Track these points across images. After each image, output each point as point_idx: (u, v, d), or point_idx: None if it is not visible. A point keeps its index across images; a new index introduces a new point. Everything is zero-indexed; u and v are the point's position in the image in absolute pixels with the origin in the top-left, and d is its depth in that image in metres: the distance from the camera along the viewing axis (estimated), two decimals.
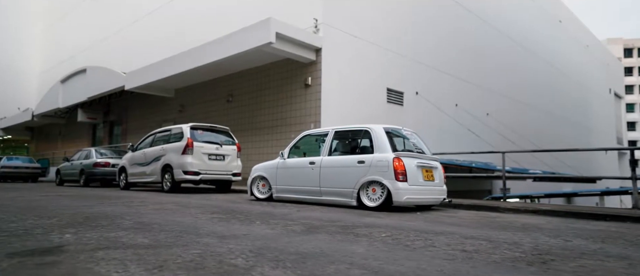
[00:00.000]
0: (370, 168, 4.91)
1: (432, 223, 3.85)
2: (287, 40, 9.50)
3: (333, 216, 4.18)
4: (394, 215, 4.51)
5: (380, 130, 5.15)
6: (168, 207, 4.64)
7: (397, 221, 3.82)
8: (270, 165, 6.26)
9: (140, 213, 3.96)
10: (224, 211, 4.38)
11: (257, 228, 3.08)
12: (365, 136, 5.33)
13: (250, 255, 2.05)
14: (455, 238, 2.85)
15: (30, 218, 3.40)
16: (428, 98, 12.99)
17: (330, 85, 10.17)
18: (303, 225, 3.34)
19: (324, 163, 5.45)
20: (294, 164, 5.93)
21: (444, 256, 2.18)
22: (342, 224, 3.46)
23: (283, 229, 3.03)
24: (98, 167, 10.76)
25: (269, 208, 4.98)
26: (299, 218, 3.83)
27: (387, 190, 4.74)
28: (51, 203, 5.08)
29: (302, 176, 5.67)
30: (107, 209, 4.31)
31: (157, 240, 2.40)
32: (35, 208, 4.31)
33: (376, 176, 4.83)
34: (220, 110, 13.04)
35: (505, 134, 15.80)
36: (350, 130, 5.71)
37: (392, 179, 4.70)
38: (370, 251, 2.25)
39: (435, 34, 13.83)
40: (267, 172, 6.19)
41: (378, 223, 3.61)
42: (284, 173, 5.95)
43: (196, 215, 3.91)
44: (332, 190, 5.29)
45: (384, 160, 4.84)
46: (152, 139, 8.91)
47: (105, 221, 3.26)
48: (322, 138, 5.95)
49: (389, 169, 4.74)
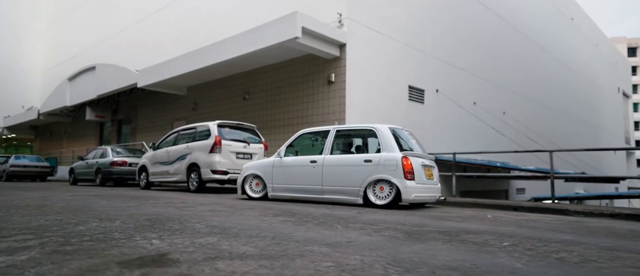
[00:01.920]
0: (378, 167, 4.99)
1: (503, 225, 3.63)
2: (312, 35, 9.25)
3: (376, 217, 3.95)
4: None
5: (386, 129, 5.25)
6: (218, 209, 4.40)
7: (453, 224, 3.60)
8: (265, 163, 6.13)
9: (198, 215, 3.72)
10: (282, 212, 4.15)
11: (349, 233, 2.84)
12: (371, 135, 5.43)
13: (398, 268, 1.81)
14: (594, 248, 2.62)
15: (90, 220, 3.15)
16: (448, 96, 12.78)
17: (354, 82, 9.94)
18: (395, 230, 3.10)
19: (327, 162, 5.45)
20: (293, 163, 5.84)
21: None
22: (427, 228, 3.24)
23: (381, 236, 2.79)
24: (115, 166, 10.48)
25: (298, 208, 4.75)
26: (371, 222, 3.60)
27: (396, 188, 4.86)
28: (90, 203, 4.83)
29: (302, 174, 5.64)
30: (158, 210, 4.06)
31: (262, 248, 2.16)
32: (81, 210, 4.06)
33: (384, 175, 4.93)
34: (236, 108, 12.77)
35: (520, 133, 15.63)
36: (353, 129, 5.84)
37: (401, 178, 4.83)
38: (519, 262, 2.02)
39: (453, 30, 13.63)
40: (261, 171, 6.05)
41: (450, 228, 3.39)
42: (282, 172, 5.85)
43: (261, 217, 3.68)
44: (335, 189, 5.31)
45: (392, 159, 4.94)
46: (176, 137, 8.65)
47: (174, 224, 3.02)
48: (316, 138, 6.04)
49: (397, 168, 4.86)
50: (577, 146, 19.32)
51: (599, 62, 25.44)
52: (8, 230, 2.62)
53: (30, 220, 3.19)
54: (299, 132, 6.29)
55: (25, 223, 2.96)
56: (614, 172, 23.30)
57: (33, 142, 26.16)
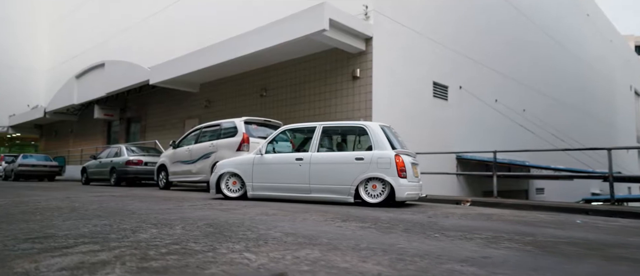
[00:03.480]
0: (371, 165, 4.91)
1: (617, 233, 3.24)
2: (339, 28, 8.85)
3: (458, 223, 3.57)
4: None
5: (377, 127, 5.20)
6: (268, 212, 4.01)
7: (552, 231, 3.21)
8: (243, 160, 5.80)
9: (256, 219, 3.33)
10: (337, 215, 3.76)
11: (469, 245, 2.45)
12: (361, 133, 5.36)
13: None
14: None
15: (144, 226, 2.76)
16: (472, 93, 12.39)
17: (380, 78, 9.54)
18: (509, 240, 2.71)
19: (314, 160, 5.26)
20: (276, 160, 5.57)
21: None
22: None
23: (509, 249, 2.40)
24: (131, 165, 10.09)
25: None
26: (462, 228, 3.22)
27: (390, 186, 4.80)
28: (124, 205, 4.44)
29: (286, 173, 5.41)
30: (206, 213, 3.68)
31: (394, 267, 1.77)
32: (121, 213, 3.67)
33: (377, 173, 4.86)
34: (252, 105, 12.38)
35: (539, 131, 15.25)
36: (341, 126, 5.73)
37: (395, 176, 4.79)
38: None
39: (474, 24, 13.24)
40: (239, 169, 5.70)
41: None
42: (263, 170, 5.56)
43: (327, 222, 3.29)
44: (324, 187, 5.15)
45: (385, 157, 4.88)
46: (198, 134, 8.26)
47: (245, 231, 2.63)
48: (300, 135, 5.78)
49: (391, 166, 4.81)
50: (594, 144, 18.95)
51: (612, 58, 25.06)
52: (62, 238, 2.24)
53: (77, 225, 2.80)
54: (280, 128, 6.03)
55: (74, 229, 2.58)
56: (632, 172, 22.91)
57: (38, 141, 25.75)
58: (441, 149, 10.54)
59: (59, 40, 25.85)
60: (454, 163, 11.71)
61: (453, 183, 11.56)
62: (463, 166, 11.94)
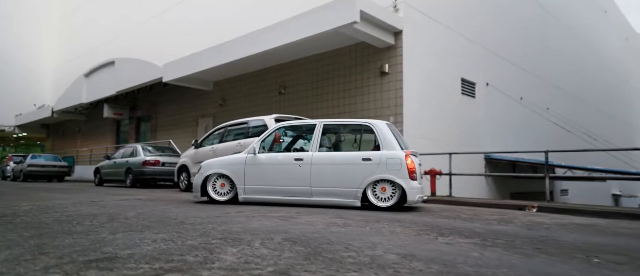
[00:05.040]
0: (379, 166, 4.57)
1: None
2: (369, 21, 8.38)
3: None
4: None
5: (384, 126, 4.89)
6: (335, 222, 3.55)
7: (604, 239, 2.75)
8: (234, 160, 5.31)
9: (335, 231, 2.87)
10: (427, 227, 3.30)
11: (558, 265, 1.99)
12: (366, 132, 5.01)
13: None
14: None
15: (218, 244, 2.31)
16: (500, 90, 11.92)
17: (411, 74, 9.08)
18: None
19: (316, 160, 4.85)
20: (272, 160, 5.13)
21: None
22: None
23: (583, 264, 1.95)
24: (147, 166, 9.65)
25: (390, 216, 3.91)
26: (547, 240, 2.75)
27: (401, 189, 4.50)
28: (163, 212, 3.99)
29: (284, 174, 4.98)
30: (270, 224, 3.22)
31: None
32: (165, 222, 3.22)
33: (387, 174, 4.53)
34: (271, 103, 11.91)
35: (562, 129, 14.78)
36: (343, 124, 5.37)
37: (406, 178, 4.49)
38: None
39: (499, 18, 12.77)
40: (229, 169, 5.21)
41: None
42: (257, 171, 5.10)
43: (413, 235, 2.83)
44: (327, 190, 4.76)
45: (396, 157, 4.57)
46: (223, 133, 7.81)
47: (339, 251, 2.17)
48: (297, 133, 5.44)
49: (402, 167, 4.51)
50: (615, 143, 18.43)
51: (629, 56, 24.54)
52: (129, 260, 1.79)
53: (132, 239, 2.35)
54: (275, 126, 5.58)
55: (133, 247, 2.13)
56: None
57: (45, 140, 25.35)
58: (468, 148, 10.08)
59: (65, 39, 25.43)
60: (482, 163, 11.25)
61: (481, 184, 11.09)
62: (492, 166, 11.47)
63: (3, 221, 3.09)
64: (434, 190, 7.58)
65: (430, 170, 7.65)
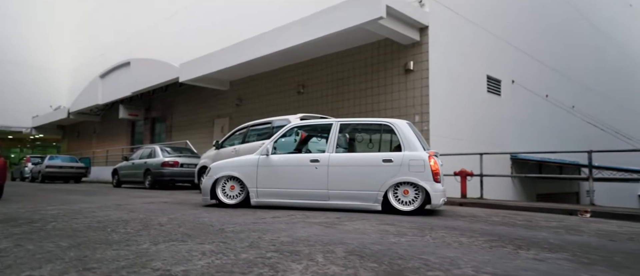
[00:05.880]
0: (401, 167, 4.37)
1: None
2: (394, 16, 8.08)
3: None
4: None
5: (404, 125, 4.67)
6: (387, 229, 3.27)
7: None
8: (245, 162, 5.05)
9: (390, 241, 2.60)
10: (468, 231, 3.01)
11: None
12: (385, 131, 4.78)
13: None
14: None
15: (277, 259, 2.06)
16: (526, 88, 11.50)
17: (437, 71, 8.75)
18: None
19: (334, 161, 4.64)
20: (286, 162, 4.88)
21: None
22: None
23: None
24: (166, 167, 9.49)
25: (437, 222, 3.60)
26: None
27: (425, 192, 4.29)
28: (194, 218, 3.77)
29: (299, 176, 4.75)
30: (314, 231, 2.96)
31: None
32: (203, 229, 2.99)
33: (409, 177, 4.33)
34: (289, 103, 11.68)
35: (589, 128, 14.25)
36: (361, 123, 5.16)
37: (430, 180, 4.29)
38: None
39: (524, 14, 12.34)
40: (240, 171, 4.96)
41: None
42: (270, 173, 4.86)
43: (493, 247, 2.54)
44: (346, 193, 4.55)
45: (419, 159, 4.36)
46: (245, 133, 7.59)
47: (423, 270, 1.90)
48: (312, 133, 5.27)
49: (425, 169, 4.31)
50: None
51: None
52: None
53: (179, 251, 2.12)
54: (288, 125, 5.27)
55: (184, 262, 1.89)
56: None
57: (60, 142, 25.58)
58: (492, 148, 9.67)
59: (81, 40, 25.63)
60: (508, 163, 10.84)
61: (508, 185, 10.69)
62: (518, 167, 11.06)
63: (35, 228, 2.90)
64: (465, 191, 7.26)
65: (460, 171, 7.34)
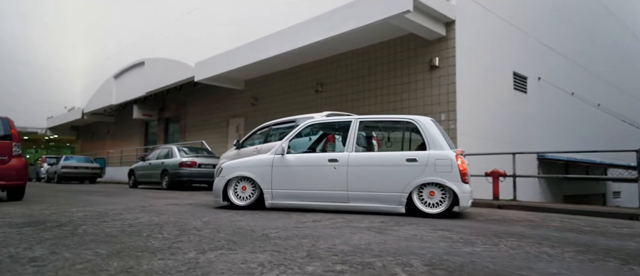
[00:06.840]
0: (426, 167, 4.12)
1: None
2: (421, 10, 7.77)
3: None
4: None
5: (429, 122, 4.40)
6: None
7: None
8: (259, 162, 4.81)
9: (466, 252, 2.32)
10: (539, 239, 2.70)
11: None
12: (408, 129, 4.56)
13: None
14: None
15: (349, 268, 1.79)
16: (553, 85, 11.07)
17: (464, 67, 8.41)
18: None
19: (353, 161, 4.39)
20: (303, 161, 4.63)
21: None
22: None
23: None
24: (184, 167, 9.31)
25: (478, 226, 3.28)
26: None
27: (453, 193, 4.04)
28: (228, 222, 3.53)
29: (317, 177, 4.51)
30: (370, 239, 2.69)
31: None
32: (245, 235, 2.74)
33: (435, 177, 4.08)
34: (306, 102, 11.42)
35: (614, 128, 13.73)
36: (382, 120, 4.87)
37: (458, 181, 4.03)
38: None
39: (551, 9, 11.91)
40: (254, 172, 4.72)
41: None
42: (285, 173, 4.62)
43: (548, 253, 2.24)
44: (367, 195, 4.30)
45: (446, 158, 4.10)
46: (267, 132, 7.34)
47: None
48: (314, 131, 5.03)
49: (453, 169, 4.05)
50: None
51: None
52: None
53: (233, 261, 1.87)
54: (304, 123, 5.01)
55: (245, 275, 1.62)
56: None
57: (74, 142, 25.72)
58: (518, 147, 9.25)
59: (95, 41, 25.74)
60: (534, 163, 10.43)
61: (534, 186, 10.27)
62: (544, 167, 10.64)
63: (66, 232, 2.68)
64: (497, 193, 6.91)
65: (493, 171, 7.00)
